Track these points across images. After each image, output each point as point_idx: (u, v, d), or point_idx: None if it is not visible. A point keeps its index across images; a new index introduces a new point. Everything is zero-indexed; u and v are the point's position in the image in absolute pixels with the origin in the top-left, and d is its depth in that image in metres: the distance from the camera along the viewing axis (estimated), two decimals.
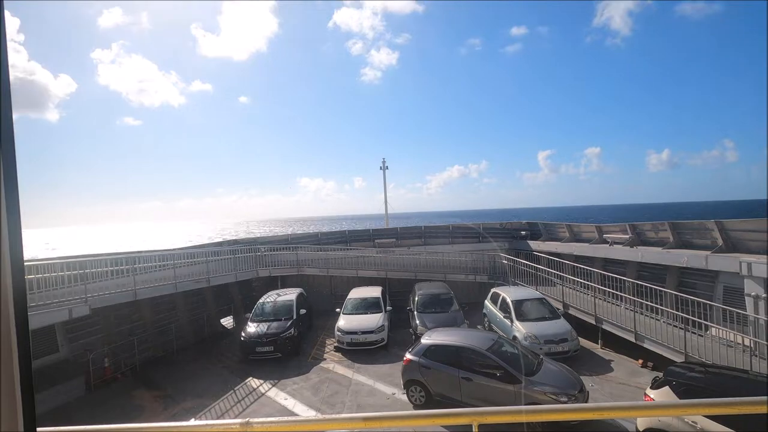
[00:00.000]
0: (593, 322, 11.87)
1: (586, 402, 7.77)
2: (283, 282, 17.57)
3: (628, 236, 14.84)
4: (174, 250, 16.03)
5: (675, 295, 10.51)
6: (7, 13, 0.99)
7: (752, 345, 8.51)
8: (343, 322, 13.06)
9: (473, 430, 1.82)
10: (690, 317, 9.47)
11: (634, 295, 11.21)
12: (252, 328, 12.71)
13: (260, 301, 14.27)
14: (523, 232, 20.88)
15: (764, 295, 9.44)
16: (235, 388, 10.45)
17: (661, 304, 10.50)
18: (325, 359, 12.24)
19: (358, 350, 12.44)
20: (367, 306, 13.84)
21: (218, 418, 8.89)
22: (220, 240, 21.87)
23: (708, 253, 11.34)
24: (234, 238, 22.53)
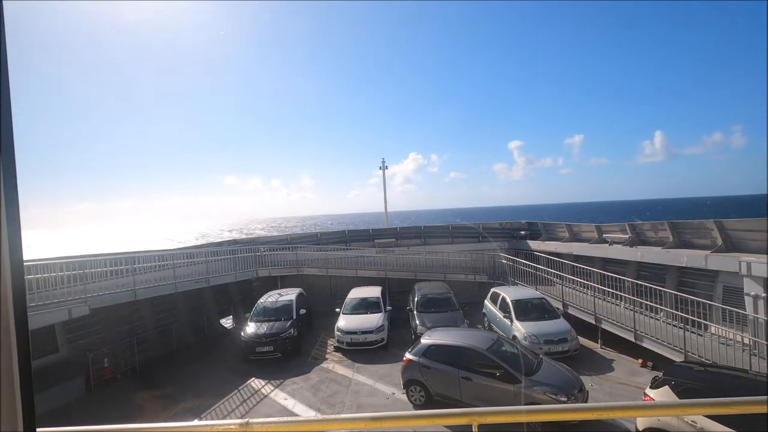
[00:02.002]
0: (593, 322, 11.88)
1: (586, 402, 7.78)
2: (283, 282, 17.57)
3: (627, 236, 14.84)
4: (174, 250, 16.05)
5: (675, 294, 10.53)
6: (7, 13, 0.99)
7: (752, 344, 8.53)
8: (343, 322, 13.06)
9: (473, 430, 1.82)
10: (690, 317, 9.49)
11: (633, 295, 11.23)
12: (252, 328, 12.71)
13: (260, 301, 14.27)
14: (523, 232, 20.90)
15: (764, 295, 9.46)
16: (235, 389, 10.46)
17: (661, 304, 10.52)
18: (326, 359, 12.25)
19: (358, 350, 12.44)
20: (366, 306, 13.84)
21: (218, 418, 8.89)
22: (220, 240, 21.90)
23: (708, 252, 11.34)
24: (234, 237, 22.57)
